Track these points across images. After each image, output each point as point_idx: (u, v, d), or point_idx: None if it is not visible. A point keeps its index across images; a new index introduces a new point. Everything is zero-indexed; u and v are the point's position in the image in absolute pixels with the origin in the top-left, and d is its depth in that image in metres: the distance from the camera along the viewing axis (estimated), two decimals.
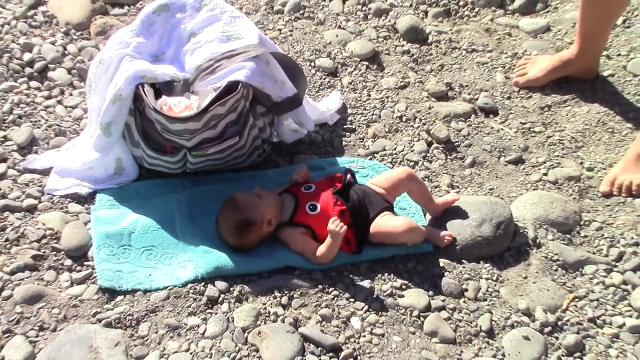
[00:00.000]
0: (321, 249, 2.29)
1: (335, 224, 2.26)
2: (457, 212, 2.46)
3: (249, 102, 2.40)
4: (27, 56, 2.87)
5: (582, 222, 2.57)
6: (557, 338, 2.25)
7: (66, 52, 2.92)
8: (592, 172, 2.75)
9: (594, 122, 2.91)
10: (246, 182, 2.51)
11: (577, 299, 2.36)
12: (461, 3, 3.35)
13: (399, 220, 2.36)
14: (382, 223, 2.35)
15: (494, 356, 2.19)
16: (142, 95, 2.31)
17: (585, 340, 2.25)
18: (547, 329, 2.26)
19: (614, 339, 2.27)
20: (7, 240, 2.34)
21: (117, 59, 2.39)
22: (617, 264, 2.46)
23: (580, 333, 2.26)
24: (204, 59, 2.39)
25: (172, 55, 2.51)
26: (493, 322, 2.27)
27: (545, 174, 2.72)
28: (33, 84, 2.81)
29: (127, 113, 2.40)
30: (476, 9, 3.35)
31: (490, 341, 2.23)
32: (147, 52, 2.46)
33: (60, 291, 2.24)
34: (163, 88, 2.38)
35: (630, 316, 2.32)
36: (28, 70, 2.85)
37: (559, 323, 2.28)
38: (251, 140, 2.46)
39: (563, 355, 2.21)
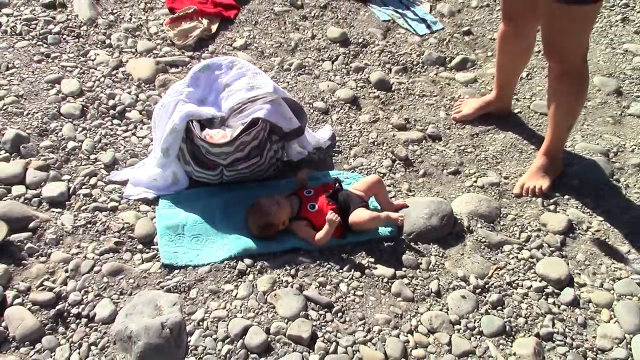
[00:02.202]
0: (320, 234, 2.23)
1: (332, 216, 2.21)
2: (414, 209, 2.40)
3: (267, 132, 2.33)
4: (111, 102, 2.79)
5: (501, 215, 2.50)
6: (485, 297, 2.19)
7: (138, 99, 2.83)
8: (507, 180, 2.67)
9: (509, 145, 2.84)
10: (265, 189, 2.42)
11: (499, 269, 2.30)
12: (414, 63, 3.27)
13: (365, 212, 2.29)
14: (355, 214, 2.28)
15: (441, 309, 2.13)
16: (192, 128, 2.26)
17: (505, 298, 2.19)
18: (478, 290, 2.20)
19: (524, 297, 2.21)
20: (97, 231, 2.27)
21: (174, 103, 2.32)
22: (525, 244, 2.39)
23: (501, 293, 2.21)
24: (235, 103, 2.32)
25: (213, 100, 2.43)
26: (440, 286, 2.21)
27: (475, 181, 2.64)
28: (115, 121, 2.72)
29: (180, 141, 2.32)
30: (425, 67, 3.27)
31: (438, 299, 2.17)
32: (194, 98, 2.39)
33: (135, 267, 2.17)
34: (206, 123, 2.31)
35: (536, 280, 2.27)
36: (112, 112, 2.76)
37: (486, 286, 2.22)
38: (269, 159, 2.40)
39: (489, 309, 2.16)
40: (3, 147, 2.53)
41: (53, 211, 2.33)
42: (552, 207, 2.53)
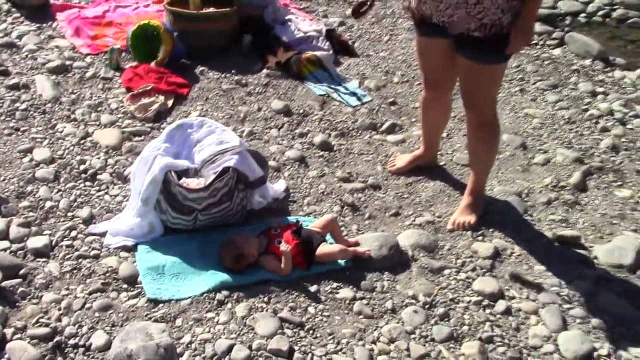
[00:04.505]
0: (283, 265, 2.53)
1: (284, 247, 2.51)
2: (365, 243, 2.71)
3: (235, 180, 2.66)
4: (82, 167, 3.02)
5: (439, 246, 2.85)
6: (433, 311, 2.52)
7: (107, 163, 3.08)
8: (440, 218, 3.04)
9: (438, 190, 3.23)
10: (235, 232, 2.71)
11: (442, 289, 2.66)
12: (350, 128, 3.69)
13: (335, 246, 2.63)
14: (325, 249, 2.60)
15: (397, 323, 2.44)
16: (170, 178, 2.55)
17: (449, 311, 2.52)
18: (427, 306, 2.52)
19: (466, 309, 2.55)
20: (83, 275, 2.47)
21: (152, 157, 2.61)
22: (461, 268, 2.75)
23: (446, 307, 2.55)
24: (207, 155, 2.64)
25: (186, 154, 2.73)
26: (394, 304, 2.51)
27: (414, 221, 2.99)
28: (87, 183, 2.95)
29: (158, 192, 2.61)
30: (360, 131, 3.69)
31: (394, 315, 2.47)
32: (170, 152, 2.67)
33: (122, 303, 2.38)
34: (182, 174, 2.62)
35: (473, 295, 2.62)
36: (83, 175, 2.99)
37: (433, 302, 2.57)
38: (236, 205, 2.69)
39: (438, 321, 2.49)
40: None
41: (39, 261, 2.52)
42: (480, 238, 2.93)
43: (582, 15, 5.42)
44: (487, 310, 2.56)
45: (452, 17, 2.59)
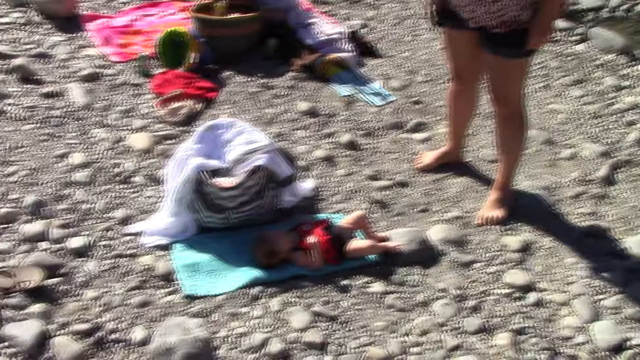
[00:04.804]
0: (313, 258, 2.58)
1: (312, 239, 2.58)
2: (395, 238, 2.76)
3: (265, 179, 2.72)
4: (116, 170, 3.11)
5: (468, 241, 2.89)
6: (464, 304, 2.55)
7: (140, 166, 3.16)
8: (468, 213, 3.07)
9: (466, 187, 3.27)
10: (266, 230, 2.75)
11: (472, 282, 2.69)
12: (376, 128, 3.73)
13: (366, 242, 2.68)
14: (355, 244, 2.65)
15: (429, 315, 2.49)
16: (203, 177, 2.62)
17: (480, 303, 2.56)
18: (457, 299, 2.57)
19: (497, 302, 2.59)
20: (121, 273, 2.54)
21: (185, 157, 2.68)
22: (491, 261, 2.80)
23: (476, 300, 2.59)
24: (238, 155, 2.71)
25: (217, 154, 2.79)
26: (425, 297, 2.56)
27: (442, 216, 3.04)
28: (122, 185, 3.03)
29: (191, 191, 2.68)
30: (385, 131, 3.73)
31: (425, 308, 2.52)
32: (202, 153, 2.73)
33: (160, 299, 2.45)
34: (214, 173, 2.69)
35: (504, 288, 2.65)
36: (117, 178, 3.07)
37: (464, 295, 2.60)
38: (268, 203, 2.77)
39: (469, 313, 2.52)
40: (24, 211, 2.80)
41: (78, 260, 2.60)
42: (509, 232, 2.96)
43: (605, 10, 5.38)
44: (518, 302, 2.59)
45: (473, 13, 2.63)
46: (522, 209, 3.11)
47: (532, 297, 2.61)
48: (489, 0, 2.55)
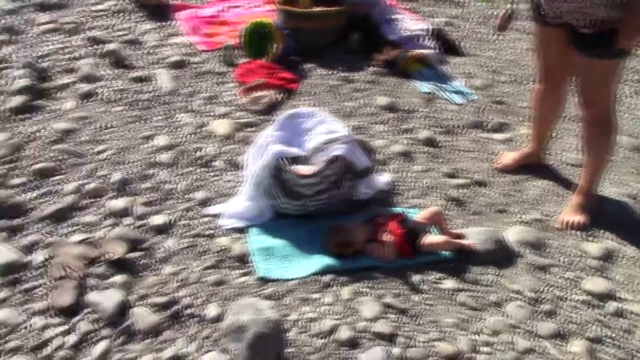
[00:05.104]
0: (385, 253, 2.58)
1: (387, 236, 2.57)
2: (470, 236, 2.71)
3: (343, 169, 2.74)
4: (198, 154, 3.20)
5: (546, 244, 2.82)
6: (539, 307, 2.49)
7: (221, 151, 3.25)
8: (548, 217, 3.00)
9: (547, 190, 3.19)
10: (341, 220, 2.76)
11: (549, 286, 2.62)
12: (455, 126, 3.69)
13: (440, 237, 2.66)
14: (430, 239, 2.64)
15: (501, 316, 2.45)
16: (281, 164, 2.67)
17: (556, 308, 2.50)
18: (532, 302, 2.51)
19: (574, 308, 2.51)
20: (198, 252, 2.62)
21: (265, 144, 2.74)
22: (570, 266, 2.73)
23: (552, 304, 2.52)
24: (317, 143, 2.75)
25: (297, 142, 2.84)
26: (499, 298, 2.51)
27: (520, 218, 2.98)
28: (203, 169, 3.12)
29: (269, 177, 2.73)
30: (465, 129, 3.69)
31: (498, 308, 2.48)
32: (282, 140, 2.79)
33: (234, 279, 2.51)
34: (293, 160, 2.73)
35: (582, 295, 2.58)
36: (199, 162, 3.17)
37: (539, 299, 2.54)
38: (344, 193, 2.79)
39: (544, 317, 2.46)
40: (111, 187, 2.93)
41: (159, 237, 2.70)
42: (590, 238, 2.87)
43: None
44: (596, 310, 2.51)
45: (560, 9, 2.58)
46: (606, 215, 3.00)
47: (611, 306, 2.52)
48: None
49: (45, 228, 2.67)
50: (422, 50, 4.24)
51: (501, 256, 2.71)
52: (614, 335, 2.40)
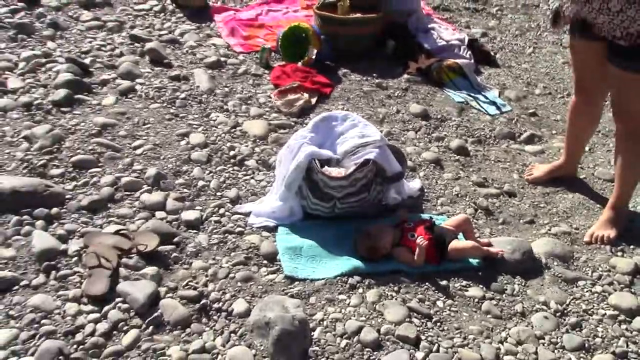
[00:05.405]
0: (416, 257, 2.60)
1: (421, 241, 2.58)
2: (498, 245, 2.71)
3: (374, 173, 2.77)
4: (232, 153, 3.27)
5: (574, 257, 2.82)
6: (564, 319, 2.48)
7: (254, 151, 3.30)
8: (577, 230, 2.99)
9: (577, 203, 3.19)
10: (369, 224, 2.81)
11: (576, 299, 2.61)
12: (487, 136, 3.70)
13: (468, 242, 2.67)
14: (457, 244, 2.65)
15: (526, 326, 2.44)
16: (313, 165, 2.71)
17: (582, 322, 2.47)
18: (558, 314, 2.50)
19: (600, 322, 2.50)
20: (228, 248, 2.67)
21: (298, 145, 2.78)
22: (598, 281, 2.70)
23: (578, 317, 2.51)
24: (349, 147, 2.78)
25: (329, 145, 2.87)
26: (524, 308, 2.51)
27: (549, 230, 2.97)
28: (236, 168, 3.19)
29: (301, 177, 2.78)
30: (497, 140, 3.70)
31: (523, 318, 2.47)
32: (315, 142, 2.82)
33: (262, 277, 2.55)
34: (324, 162, 2.77)
35: (609, 309, 2.56)
36: (232, 160, 3.23)
37: (565, 311, 2.53)
38: (373, 198, 2.81)
39: (569, 329, 2.45)
40: (146, 181, 3.00)
41: (190, 232, 2.75)
42: (619, 253, 2.85)
43: None
44: (623, 326, 2.49)
45: (595, 19, 2.58)
46: (637, 231, 2.98)
47: (638, 322, 2.50)
48: (614, 10, 2.48)
49: (81, 218, 2.75)
50: (457, 60, 4.25)
51: (528, 267, 2.70)
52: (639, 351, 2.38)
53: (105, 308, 2.30)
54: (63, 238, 2.62)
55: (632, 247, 2.90)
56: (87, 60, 3.93)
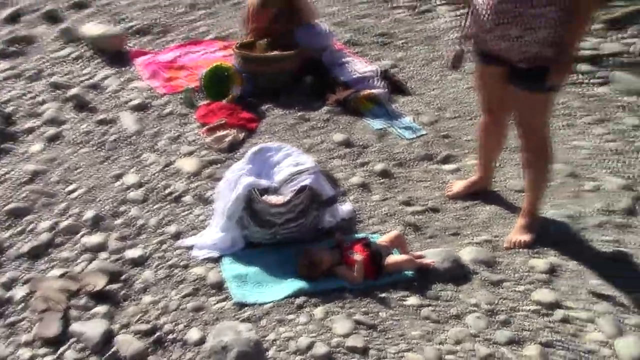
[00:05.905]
0: (355, 273, 2.77)
1: (357, 256, 2.76)
2: (429, 257, 2.94)
3: (310, 198, 2.93)
4: (167, 190, 3.34)
5: (497, 262, 3.04)
6: (495, 318, 2.71)
7: (190, 187, 3.40)
8: (497, 237, 3.23)
9: (494, 214, 3.44)
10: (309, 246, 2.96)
11: (503, 299, 2.85)
12: (407, 159, 3.93)
13: (403, 256, 2.87)
14: (393, 258, 2.84)
15: (462, 327, 2.65)
16: (253, 195, 2.84)
17: (510, 318, 2.71)
18: (488, 313, 2.73)
19: (526, 317, 2.74)
20: (175, 282, 2.74)
21: (236, 177, 2.91)
22: (520, 281, 2.96)
23: (507, 315, 2.74)
24: (286, 175, 2.94)
25: (266, 174, 3.01)
26: (458, 311, 2.72)
27: (472, 239, 3.20)
28: (173, 204, 3.27)
29: (241, 208, 2.90)
30: (416, 162, 3.93)
31: (459, 320, 2.67)
32: (252, 173, 2.96)
33: (212, 305, 2.64)
34: (263, 192, 2.91)
35: (532, 305, 2.80)
36: (169, 198, 3.31)
37: (495, 310, 2.75)
38: (310, 222, 2.97)
39: (500, 326, 2.68)
40: (85, 224, 3.04)
41: (136, 269, 2.81)
42: (536, 255, 3.12)
43: (625, 55, 5.62)
44: (546, 318, 2.74)
45: (499, 46, 2.87)
46: (549, 235, 3.27)
47: (558, 314, 2.76)
48: (514, 36, 2.79)
49: (23, 265, 2.76)
50: (372, 90, 4.52)
51: (458, 274, 2.93)
52: (563, 339, 2.63)
53: (61, 349, 2.34)
54: (7, 285, 2.63)
55: (546, 248, 3.19)
56: (9, 110, 3.91)
